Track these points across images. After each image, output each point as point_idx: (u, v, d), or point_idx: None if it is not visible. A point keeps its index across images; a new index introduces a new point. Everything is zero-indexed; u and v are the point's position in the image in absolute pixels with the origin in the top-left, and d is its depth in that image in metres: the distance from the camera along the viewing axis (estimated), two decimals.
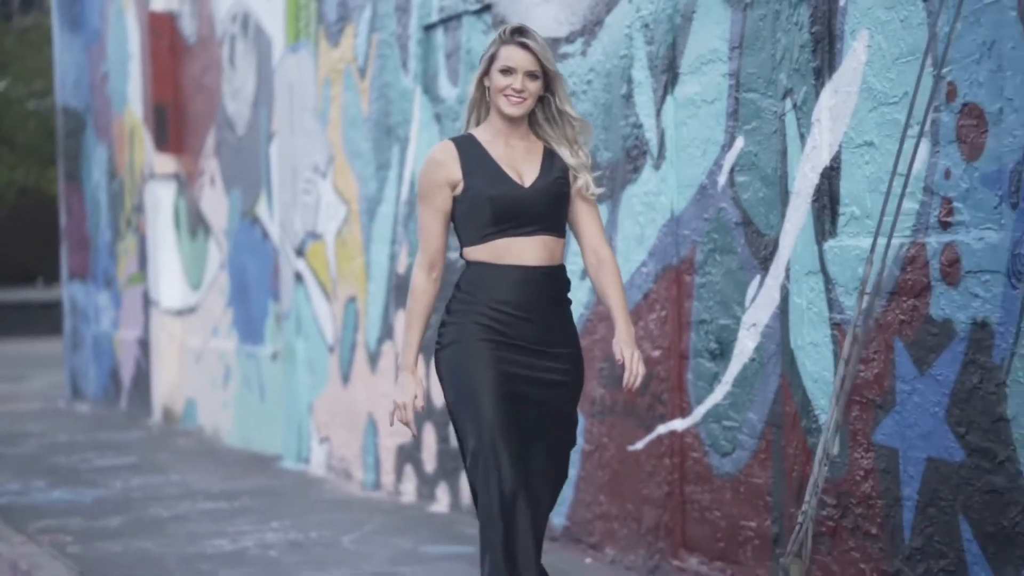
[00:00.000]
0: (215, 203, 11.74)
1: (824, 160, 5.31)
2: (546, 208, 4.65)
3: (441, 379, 4.68)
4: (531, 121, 4.73)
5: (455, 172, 4.65)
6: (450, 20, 7.94)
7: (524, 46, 4.61)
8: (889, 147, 5.02)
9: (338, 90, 9.30)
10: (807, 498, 4.69)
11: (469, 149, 4.68)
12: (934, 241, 4.85)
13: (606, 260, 4.72)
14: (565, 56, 6.85)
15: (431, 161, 4.70)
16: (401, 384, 4.70)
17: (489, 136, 4.70)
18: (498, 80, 4.64)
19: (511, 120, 4.67)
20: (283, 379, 10.16)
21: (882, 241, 4.86)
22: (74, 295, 15.61)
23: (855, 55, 5.18)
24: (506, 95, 4.63)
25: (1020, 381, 4.51)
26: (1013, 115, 4.54)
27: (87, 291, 15.20)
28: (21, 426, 12.78)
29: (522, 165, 4.67)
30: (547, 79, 4.66)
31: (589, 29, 6.73)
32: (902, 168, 4.85)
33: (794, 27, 5.45)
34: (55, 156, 18.92)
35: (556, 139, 4.71)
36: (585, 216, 4.74)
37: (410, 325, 4.70)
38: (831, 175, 5.29)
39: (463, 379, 4.60)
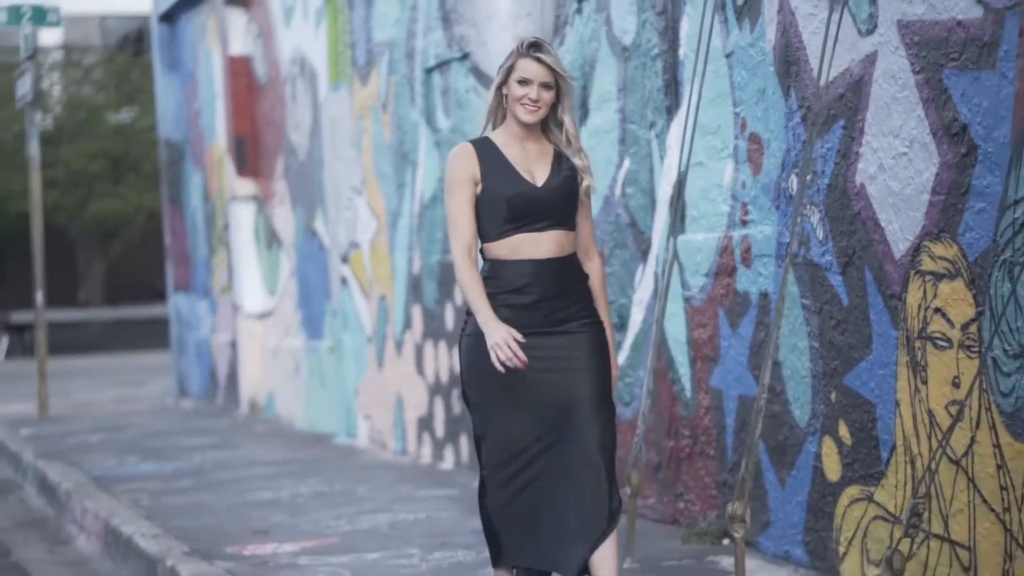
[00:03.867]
0: (284, 220, 13.61)
1: (674, 176, 6.98)
2: (557, 205, 5.03)
3: (461, 363, 5.16)
4: (543, 126, 5.10)
5: (475, 171, 5.02)
6: (442, 65, 9.70)
7: (539, 60, 4.99)
8: (713, 166, 6.70)
9: (368, 123, 11.10)
10: (639, 423, 6.36)
11: (486, 151, 5.05)
12: (737, 235, 6.52)
13: (594, 266, 5.19)
14: None
15: (455, 157, 5.07)
16: (491, 331, 4.90)
17: (505, 139, 5.06)
18: (515, 90, 4.99)
19: (526, 126, 5.04)
20: (335, 368, 12.00)
21: (694, 236, 6.54)
22: (178, 305, 17.59)
23: (689, 97, 6.85)
24: (523, 104, 4.98)
25: (785, 335, 6.17)
26: (775, 142, 6.21)
27: (189, 301, 17.16)
28: (129, 420, 14.78)
29: (535, 166, 5.05)
30: (558, 89, 5.05)
31: None
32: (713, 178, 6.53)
33: (654, 75, 7.15)
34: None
35: (563, 143, 5.10)
36: (581, 219, 5.15)
37: (473, 295, 4.96)
38: (680, 187, 6.97)
39: (477, 371, 5.03)
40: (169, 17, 17.11)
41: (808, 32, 5.94)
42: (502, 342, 4.85)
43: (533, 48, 5.01)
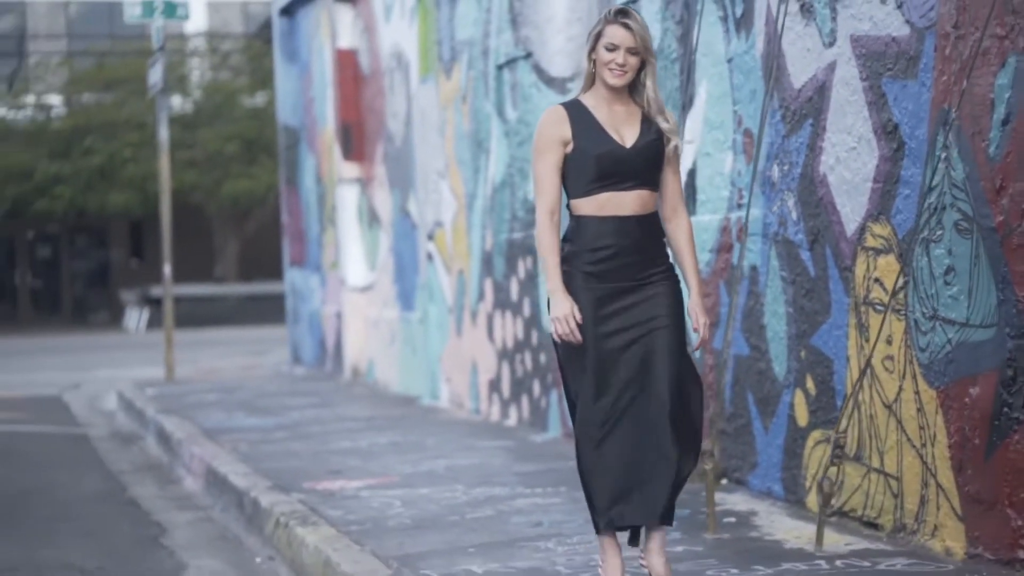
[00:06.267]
0: (383, 201, 14.80)
1: (688, 164, 8.00)
2: (644, 166, 5.21)
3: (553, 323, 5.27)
4: (631, 89, 5.29)
5: (566, 132, 5.23)
6: (511, 62, 10.78)
7: (626, 26, 5.18)
8: (717, 156, 7.71)
9: (451, 113, 12.22)
10: None
11: (577, 113, 5.26)
12: (734, 216, 7.53)
13: (682, 221, 5.36)
14: (571, 91, 9.62)
15: (546, 122, 5.28)
16: (556, 302, 5.16)
17: (594, 102, 5.27)
18: (603, 55, 5.20)
19: (614, 89, 5.24)
20: (423, 336, 13.16)
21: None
22: (293, 279, 18.88)
23: (700, 96, 7.87)
24: (610, 68, 5.19)
25: (769, 301, 7.18)
26: (762, 136, 7.21)
27: (303, 275, 18.43)
28: (245, 383, 16.09)
29: (623, 127, 5.23)
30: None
31: (579, 73, 9.48)
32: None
33: (673, 75, 8.17)
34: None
35: (647, 106, 5.30)
36: (669, 176, 5.33)
37: (547, 258, 5.21)
38: (693, 174, 7.98)
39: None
40: (288, 11, 18.36)
41: (786, 42, 6.93)
42: (563, 318, 5.13)
43: (620, 15, 5.22)
